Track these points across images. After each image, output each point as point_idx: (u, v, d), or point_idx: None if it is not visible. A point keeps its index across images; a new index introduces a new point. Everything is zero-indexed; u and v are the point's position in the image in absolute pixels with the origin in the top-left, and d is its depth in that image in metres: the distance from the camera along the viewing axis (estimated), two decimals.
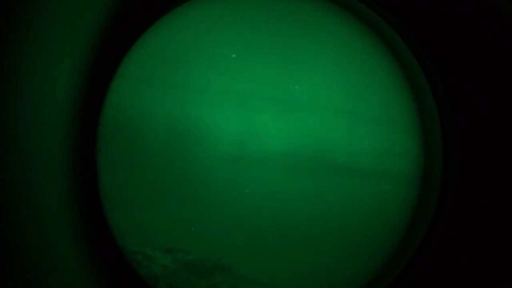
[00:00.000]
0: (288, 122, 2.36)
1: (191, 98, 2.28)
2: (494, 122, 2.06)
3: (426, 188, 2.36)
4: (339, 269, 2.34)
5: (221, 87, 2.30)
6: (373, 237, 2.38)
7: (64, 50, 1.74)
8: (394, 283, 2.25)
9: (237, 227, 2.30)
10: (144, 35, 2.13)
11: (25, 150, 1.60)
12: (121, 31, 1.97)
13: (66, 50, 1.76)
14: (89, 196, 1.97)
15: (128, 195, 2.21)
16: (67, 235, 1.81)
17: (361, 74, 2.40)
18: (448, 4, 2.04)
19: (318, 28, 2.37)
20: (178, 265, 2.31)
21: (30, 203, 1.64)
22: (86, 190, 1.96)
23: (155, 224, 2.26)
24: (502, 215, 2.01)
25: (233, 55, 2.31)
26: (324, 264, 2.34)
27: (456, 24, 2.05)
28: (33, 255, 1.63)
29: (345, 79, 2.40)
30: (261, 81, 2.33)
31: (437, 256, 2.18)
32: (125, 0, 1.89)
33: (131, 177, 2.22)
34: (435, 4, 2.09)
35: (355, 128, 2.39)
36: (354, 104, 2.40)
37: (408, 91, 2.40)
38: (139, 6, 2.03)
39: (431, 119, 2.33)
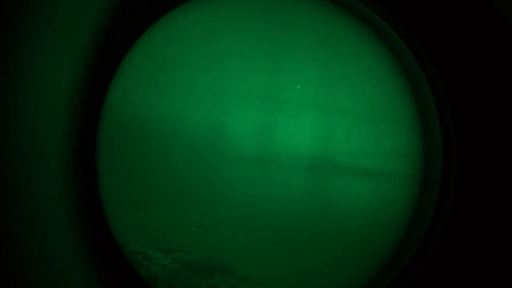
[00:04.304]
0: (289, 122, 2.36)
1: (191, 98, 2.28)
2: (494, 122, 2.06)
3: (426, 188, 2.36)
4: (339, 269, 2.34)
5: (221, 87, 2.30)
6: (373, 237, 2.38)
7: (65, 50, 1.74)
8: (394, 283, 2.25)
9: (237, 227, 2.30)
10: (144, 35, 2.13)
11: (25, 150, 1.60)
12: (121, 31, 1.97)
13: (67, 51, 1.76)
14: (89, 196, 1.97)
15: (128, 195, 2.21)
16: (67, 235, 1.81)
17: (362, 74, 2.40)
18: (447, 4, 2.04)
19: (319, 28, 2.37)
20: (178, 265, 2.31)
21: (30, 203, 1.64)
22: (86, 190, 1.95)
23: (155, 224, 2.26)
24: (502, 215, 2.01)
25: (234, 55, 2.31)
26: (324, 264, 2.34)
27: (456, 24, 2.05)
28: (33, 255, 1.63)
29: (346, 79, 2.40)
30: (262, 81, 2.33)
31: (437, 256, 2.18)
32: (126, 0, 1.88)
33: (131, 177, 2.22)
34: (435, 4, 2.09)
35: (355, 128, 2.39)
36: (354, 104, 2.40)
37: (408, 91, 2.40)
38: (139, 6, 2.03)
39: (431, 119, 2.33)
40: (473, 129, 2.14)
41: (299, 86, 2.36)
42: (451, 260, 2.13)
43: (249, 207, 2.31)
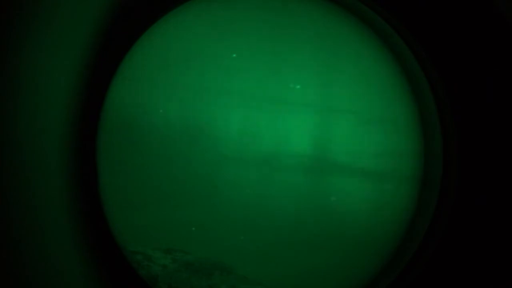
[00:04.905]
0: (288, 122, 2.36)
1: (191, 98, 2.28)
2: (494, 122, 2.06)
3: (426, 188, 2.36)
4: (339, 269, 2.34)
5: (221, 87, 2.30)
6: (373, 237, 2.38)
7: (65, 50, 1.74)
8: (394, 283, 2.25)
9: (237, 227, 2.30)
10: (144, 35, 2.13)
11: (25, 150, 1.60)
12: (121, 31, 1.97)
13: (67, 51, 1.76)
14: (89, 196, 1.97)
15: (128, 195, 2.21)
16: (67, 235, 1.81)
17: (362, 74, 2.40)
18: (447, 4, 2.04)
19: (319, 28, 2.37)
20: (178, 265, 2.31)
21: (30, 203, 1.64)
22: (86, 190, 1.95)
23: (155, 224, 2.26)
24: (502, 215, 2.01)
25: (234, 55, 2.31)
26: (324, 264, 2.34)
27: (456, 24, 2.05)
28: (33, 255, 1.63)
29: (346, 79, 2.40)
30: (262, 81, 2.33)
31: (437, 256, 2.18)
32: (126, 0, 1.88)
33: (131, 177, 2.22)
34: (435, 4, 2.09)
35: (355, 128, 2.39)
36: (354, 104, 2.40)
37: (408, 91, 2.40)
38: (139, 6, 2.03)
39: (431, 119, 2.33)
40: (473, 129, 2.14)
41: (299, 86, 2.36)
42: (451, 260, 2.13)
43: (249, 207, 2.31)
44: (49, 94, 1.71)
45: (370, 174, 2.39)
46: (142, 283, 2.12)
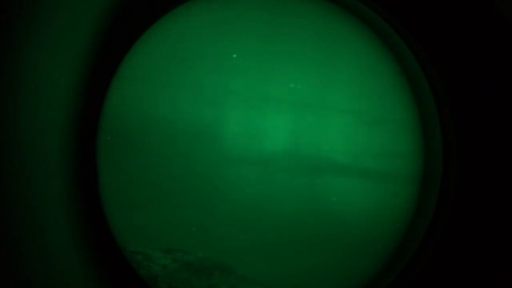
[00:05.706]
0: (289, 122, 2.36)
1: (191, 98, 2.28)
2: (494, 122, 2.06)
3: (426, 188, 2.36)
4: (339, 269, 2.34)
5: (222, 87, 2.30)
6: (373, 237, 2.38)
7: (65, 50, 1.74)
8: (394, 283, 2.25)
9: (237, 227, 2.30)
10: (144, 35, 2.13)
11: (25, 150, 1.60)
12: (121, 31, 1.97)
13: (67, 51, 1.76)
14: (89, 196, 1.97)
15: (128, 195, 2.21)
16: (67, 235, 1.81)
17: (362, 75, 2.40)
18: (447, 4, 2.04)
19: (319, 28, 2.37)
20: (178, 265, 2.31)
21: (30, 203, 1.64)
22: (86, 190, 1.95)
23: (155, 224, 2.26)
24: (502, 215, 2.01)
25: (234, 55, 2.31)
26: (324, 264, 2.34)
27: (456, 24, 2.05)
28: (33, 255, 1.63)
29: (346, 79, 2.40)
30: (262, 81, 2.33)
31: (437, 256, 2.18)
32: (126, 0, 1.88)
33: (131, 177, 2.22)
34: (435, 4, 2.09)
35: (355, 128, 2.39)
36: (354, 104, 2.40)
37: (408, 91, 2.40)
38: (139, 6, 2.03)
39: (431, 119, 2.34)
40: (473, 129, 2.14)
41: (299, 86, 2.36)
42: (451, 260, 2.13)
43: (249, 207, 2.31)
44: (49, 94, 1.71)
45: (370, 174, 2.39)
46: (142, 283, 2.12)
